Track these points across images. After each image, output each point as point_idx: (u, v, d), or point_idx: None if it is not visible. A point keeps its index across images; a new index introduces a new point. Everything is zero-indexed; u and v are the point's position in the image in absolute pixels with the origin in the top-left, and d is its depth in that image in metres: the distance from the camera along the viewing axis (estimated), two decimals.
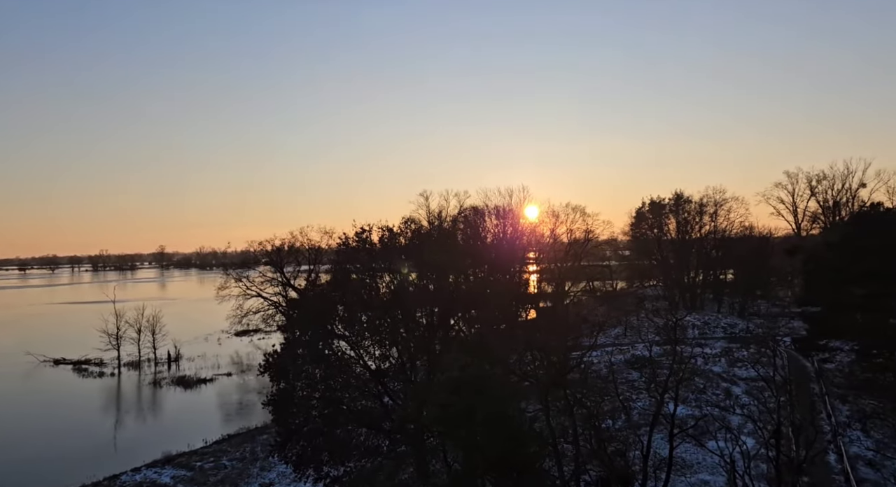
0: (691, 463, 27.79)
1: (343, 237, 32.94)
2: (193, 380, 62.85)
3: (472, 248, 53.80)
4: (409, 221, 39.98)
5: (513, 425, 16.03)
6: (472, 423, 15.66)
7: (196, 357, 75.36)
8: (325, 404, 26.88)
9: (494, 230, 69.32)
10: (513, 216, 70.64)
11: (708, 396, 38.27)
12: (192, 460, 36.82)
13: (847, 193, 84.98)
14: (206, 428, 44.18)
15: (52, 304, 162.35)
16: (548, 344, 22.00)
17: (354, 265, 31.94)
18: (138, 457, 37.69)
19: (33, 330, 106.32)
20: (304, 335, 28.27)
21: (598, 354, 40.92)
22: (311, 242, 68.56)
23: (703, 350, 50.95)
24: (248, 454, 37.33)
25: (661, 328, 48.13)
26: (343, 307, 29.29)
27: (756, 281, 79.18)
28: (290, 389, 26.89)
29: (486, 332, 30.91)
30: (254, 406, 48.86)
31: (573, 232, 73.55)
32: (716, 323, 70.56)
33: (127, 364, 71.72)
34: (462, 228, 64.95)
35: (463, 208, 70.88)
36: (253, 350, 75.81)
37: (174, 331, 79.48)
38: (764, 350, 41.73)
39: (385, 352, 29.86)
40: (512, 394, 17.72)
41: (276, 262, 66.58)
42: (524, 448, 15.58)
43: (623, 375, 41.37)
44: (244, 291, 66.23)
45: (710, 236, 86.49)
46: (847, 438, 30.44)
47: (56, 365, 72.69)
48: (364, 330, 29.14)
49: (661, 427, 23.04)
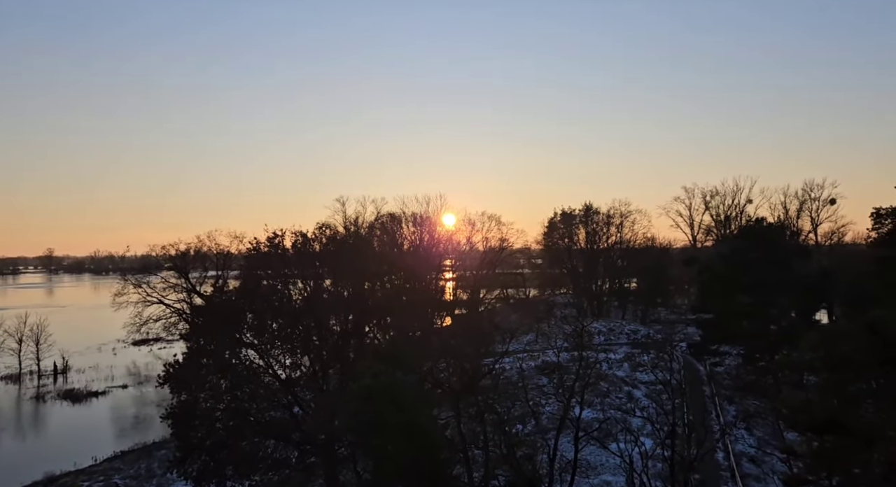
0: (595, 465, 28.97)
1: (254, 242, 31.83)
2: (83, 393, 58.17)
3: (388, 255, 53.60)
4: (324, 227, 39.22)
5: (424, 432, 16.02)
6: (384, 431, 15.51)
7: (87, 368, 69.74)
8: (230, 415, 25.72)
9: (411, 237, 69.48)
10: (430, 223, 71.15)
11: (611, 399, 40.10)
12: (78, 480, 33.99)
13: (736, 208, 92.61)
14: (96, 445, 40.94)
15: None
16: (462, 351, 22.24)
17: (266, 271, 30.92)
18: (15, 479, 34.32)
19: None
20: (210, 343, 26.97)
21: (510, 360, 41.86)
22: (219, 247, 65.46)
23: (608, 355, 53.40)
24: (144, 471, 34.95)
25: (569, 334, 49.98)
26: (252, 314, 28.23)
27: (657, 289, 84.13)
28: (193, 401, 25.55)
29: (401, 339, 30.83)
30: (151, 420, 45.80)
31: (488, 240, 75.02)
32: (620, 329, 74.18)
33: (4, 377, 65.28)
34: (379, 235, 64.59)
35: (380, 215, 70.61)
36: (152, 360, 71.08)
37: (63, 341, 73.19)
38: (662, 355, 44.39)
39: (296, 361, 29.07)
40: (424, 402, 17.72)
41: (181, 267, 62.95)
42: (435, 455, 15.61)
43: (533, 380, 42.55)
44: (144, 298, 61.99)
45: (616, 246, 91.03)
46: (733, 436, 32.90)
47: None
48: (274, 338, 28.23)
49: (568, 431, 23.88)
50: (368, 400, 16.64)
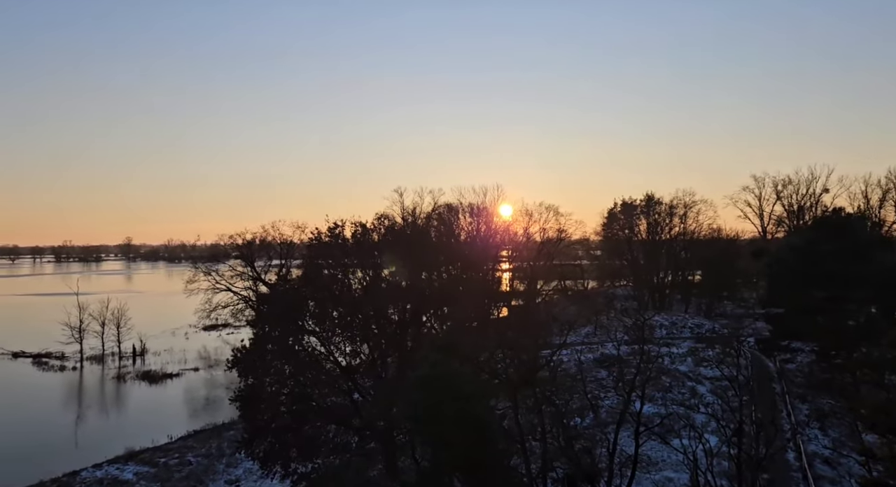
0: (656, 461, 28.31)
1: (315, 232, 32.68)
2: (159, 375, 61.65)
3: (445, 246, 53.80)
4: (382, 217, 39.78)
5: (481, 423, 16.09)
6: (441, 420, 15.67)
7: (162, 351, 73.86)
8: (294, 400, 26.65)
9: (468, 228, 69.51)
10: (487, 214, 70.94)
11: (674, 395, 39.01)
12: (155, 456, 36.11)
13: (811, 198, 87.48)
14: (171, 424, 43.39)
15: (12, 296, 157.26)
16: (519, 342, 22.14)
17: (326, 260, 31.70)
18: (100, 453, 36.83)
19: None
20: (274, 330, 27.95)
21: (567, 353, 41.35)
22: (282, 237, 67.86)
23: (670, 349, 51.91)
24: (214, 450, 36.77)
25: (629, 327, 48.86)
26: (314, 302, 29.06)
27: (723, 282, 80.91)
28: (259, 385, 26.58)
29: (458, 330, 31.00)
30: (221, 402, 48.08)
31: (546, 231, 74.14)
32: (683, 323, 71.91)
33: (90, 358, 69.95)
34: (436, 225, 64.87)
35: (437, 205, 70.79)
36: (221, 345, 74.55)
37: (140, 325, 77.74)
38: (728, 350, 42.71)
39: (356, 349, 29.75)
40: (481, 392, 17.78)
41: (247, 256, 65.66)
42: (492, 446, 15.66)
43: (592, 374, 41.92)
44: (213, 285, 65.15)
45: (679, 237, 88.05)
46: (805, 436, 31.37)
47: (15, 359, 70.55)
48: (335, 326, 28.95)
49: (628, 426, 23.40)
50: (426, 389, 16.85)
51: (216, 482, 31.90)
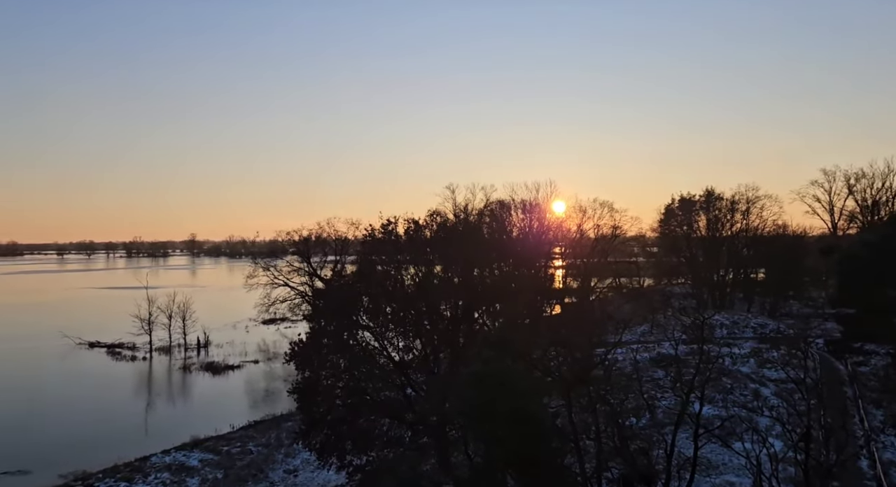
0: (717, 464, 27.39)
1: (369, 229, 33.27)
2: (221, 366, 64.21)
3: (497, 242, 53.62)
4: (434, 214, 40.01)
5: (534, 420, 16.00)
6: (494, 417, 15.67)
7: (224, 343, 76.93)
8: (348, 393, 27.23)
9: (520, 224, 68.89)
10: (539, 210, 70.09)
11: (735, 397, 37.59)
12: (219, 444, 37.68)
13: (887, 192, 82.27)
14: (232, 414, 45.14)
15: (88, 289, 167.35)
16: (573, 340, 21.85)
17: (380, 257, 32.20)
18: (168, 440, 38.71)
19: (69, 313, 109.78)
20: (330, 325, 28.63)
21: (622, 351, 40.50)
22: (337, 233, 69.24)
23: (732, 350, 49.99)
24: (274, 440, 38.01)
25: (688, 326, 47.32)
26: (368, 298, 29.57)
27: (788, 280, 77.24)
28: (315, 378, 27.31)
29: (510, 327, 30.87)
30: (279, 394, 49.69)
31: (600, 227, 72.57)
32: (745, 322, 69.12)
33: (158, 348, 73.60)
34: (488, 222, 64.67)
35: (489, 202, 70.55)
36: (279, 338, 76.91)
37: (204, 318, 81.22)
38: (795, 351, 40.76)
39: (409, 344, 30.09)
40: (534, 389, 17.68)
41: (303, 252, 67.40)
42: (545, 444, 15.54)
43: (648, 373, 40.89)
44: (272, 280, 67.26)
45: (741, 234, 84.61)
46: (880, 443, 29.62)
47: (91, 348, 75.03)
48: (388, 321, 29.38)
49: (686, 427, 22.72)
50: (478, 385, 16.89)
51: (275, 471, 32.97)
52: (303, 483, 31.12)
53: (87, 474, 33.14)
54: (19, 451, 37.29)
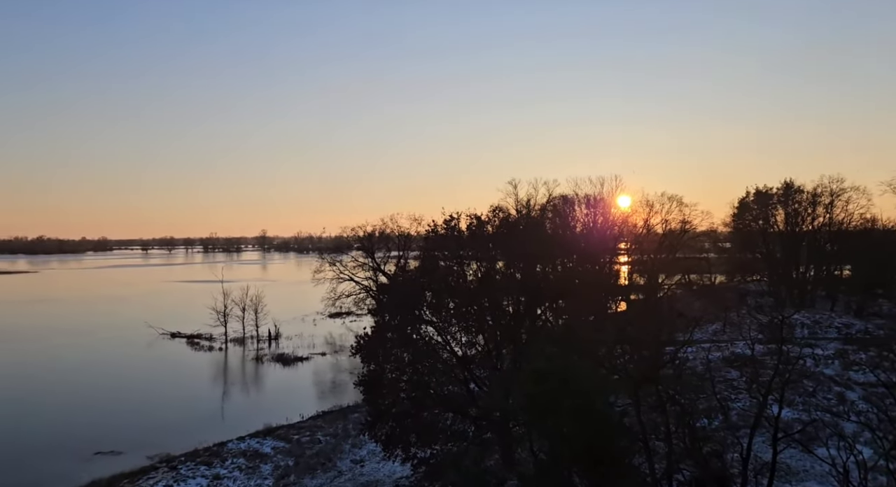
0: (797, 470, 25.97)
1: (432, 224, 33.54)
2: (291, 358, 66.57)
3: (560, 238, 52.85)
4: (497, 209, 39.90)
5: (601, 417, 15.67)
6: (559, 414, 15.47)
7: (294, 336, 79.76)
8: (412, 387, 27.57)
9: (584, 219, 67.62)
10: (604, 205, 68.51)
11: (818, 400, 35.48)
12: (290, 433, 39.12)
13: None
14: (302, 404, 46.75)
15: (169, 282, 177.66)
16: (640, 337, 21.24)
17: (442, 252, 32.39)
18: (242, 427, 40.56)
19: (153, 305, 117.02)
20: (394, 319, 29.08)
21: (692, 350, 39.01)
22: (400, 229, 70.25)
23: (813, 350, 47.17)
24: (341, 431, 39.08)
25: (765, 326, 45.02)
26: (431, 293, 29.80)
27: (878, 278, 71.99)
28: (380, 371, 27.80)
29: (575, 323, 30.36)
30: (345, 386, 51.04)
31: (668, 222, 70.07)
32: (828, 322, 65.03)
33: (233, 339, 77.15)
34: (550, 217, 63.86)
35: (552, 197, 69.60)
36: (345, 331, 78.99)
37: (274, 311, 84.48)
38: (887, 353, 37.95)
39: (471, 339, 30.14)
40: (600, 387, 17.30)
41: (368, 248, 68.84)
42: (613, 442, 15.19)
43: (721, 373, 39.25)
44: (337, 275, 69.16)
45: (823, 228, 79.57)
46: None
47: (172, 338, 79.62)
48: (451, 316, 29.51)
49: (763, 430, 21.63)
50: (542, 382, 16.70)
51: (343, 460, 33.89)
52: (369, 473, 31.83)
53: (170, 456, 35.20)
54: (110, 433, 40.11)
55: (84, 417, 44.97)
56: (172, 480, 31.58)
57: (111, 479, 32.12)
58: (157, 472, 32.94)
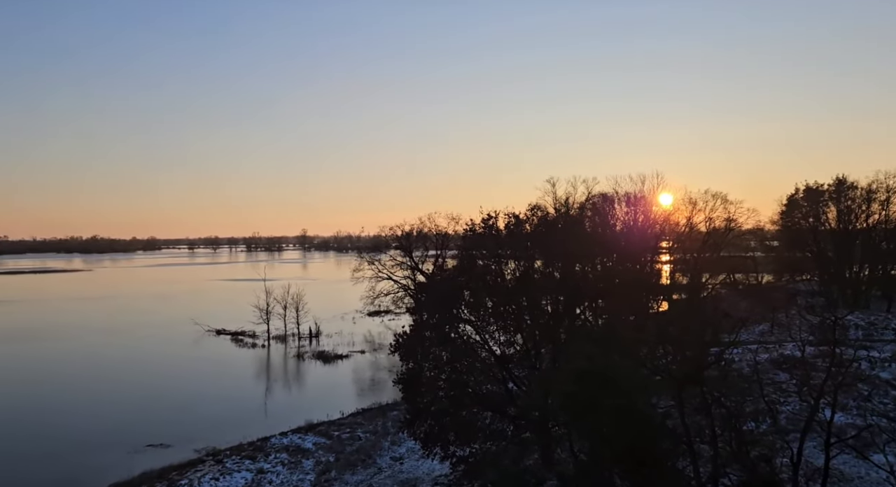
0: (851, 477, 24.93)
1: (470, 223, 33.54)
2: (331, 355, 67.63)
3: (599, 236, 52.08)
4: (535, 208, 39.78)
5: (643, 418, 15.39)
6: (599, 414, 15.27)
7: (333, 333, 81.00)
8: (451, 385, 27.62)
9: (624, 218, 66.38)
10: (645, 203, 67.12)
11: (873, 404, 34.03)
12: (330, 429, 39.75)
13: None
14: (342, 401, 47.46)
15: (214, 280, 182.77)
16: (683, 338, 20.75)
17: (480, 251, 32.33)
18: (284, 422, 41.45)
19: (199, 302, 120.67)
20: (432, 318, 29.18)
21: (738, 351, 37.86)
22: (438, 228, 70.46)
23: (869, 353, 45.19)
24: (380, 428, 39.48)
25: (815, 327, 43.36)
26: (469, 292, 29.79)
27: None
28: (419, 369, 27.96)
29: (615, 323, 29.89)
30: (384, 384, 51.56)
31: (712, 220, 68.17)
32: (885, 324, 62.21)
33: (275, 337, 78.86)
34: (590, 216, 62.97)
35: (591, 195, 68.58)
36: (384, 330, 79.76)
37: (314, 309, 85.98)
38: None
39: (510, 338, 30.00)
40: (642, 388, 17.00)
41: (406, 247, 69.29)
42: (655, 443, 14.89)
43: (769, 375, 38.01)
44: (376, 274, 69.86)
45: (879, 226, 76.11)
46: None
47: (217, 335, 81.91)
48: (489, 315, 29.45)
49: (814, 435, 20.86)
50: (583, 382, 16.51)
51: (382, 457, 34.24)
52: (408, 470, 32.06)
53: (216, 450, 36.24)
54: (160, 427, 41.61)
55: (136, 411, 46.71)
56: (219, 473, 32.49)
57: (161, 471, 33.27)
58: (204, 465, 33.95)
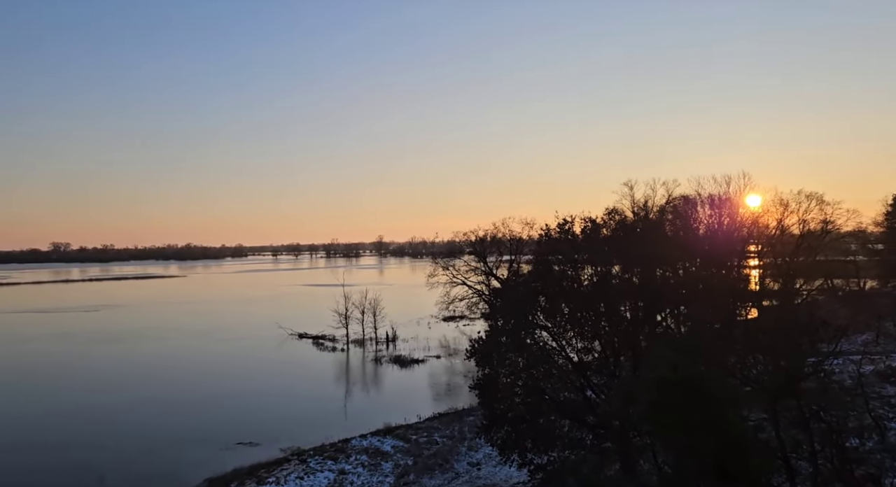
0: None
1: (545, 228, 33.19)
2: (407, 360, 68.72)
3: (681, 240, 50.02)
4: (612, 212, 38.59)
5: (733, 430, 14.66)
6: (686, 426, 14.68)
7: (409, 338, 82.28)
8: (527, 392, 27.42)
9: (708, 221, 63.31)
10: (730, 205, 63.70)
11: None
12: (408, 433, 40.39)
13: None
14: (418, 405, 48.10)
15: (295, 285, 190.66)
16: (776, 347, 19.60)
17: (556, 256, 31.94)
18: (363, 425, 42.52)
19: (282, 306, 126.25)
20: (507, 323, 29.11)
21: (839, 362, 35.17)
22: (512, 233, 70.25)
23: None
24: (457, 433, 39.71)
25: None
26: (545, 297, 29.50)
27: None
28: (495, 375, 27.96)
29: (699, 330, 28.63)
30: (460, 389, 51.80)
31: (807, 222, 63.59)
32: None
33: (353, 341, 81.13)
34: (671, 219, 60.58)
35: (672, 198, 65.97)
36: (459, 335, 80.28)
37: (391, 314, 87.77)
38: None
39: (587, 345, 29.41)
40: (731, 398, 16.20)
41: (480, 252, 69.58)
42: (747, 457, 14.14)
43: (874, 389, 35.13)
44: (451, 279, 70.58)
45: None
46: None
47: (300, 339, 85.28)
48: (566, 321, 29.02)
49: None
50: (667, 392, 15.95)
51: (460, 462, 34.43)
52: (486, 476, 32.07)
53: (300, 450, 37.73)
54: (248, 425, 43.81)
55: (226, 410, 49.44)
56: (303, 472, 33.80)
57: (251, 468, 35.04)
58: (289, 464, 35.43)
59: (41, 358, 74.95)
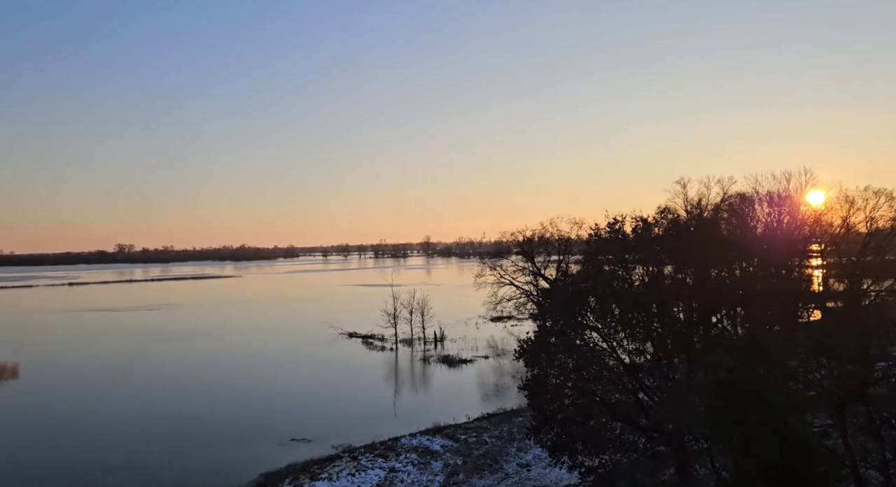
0: None
1: (594, 228, 32.73)
2: (456, 360, 68.95)
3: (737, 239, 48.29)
4: (664, 211, 37.66)
5: (794, 437, 14.11)
6: (745, 431, 14.24)
7: (457, 338, 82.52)
8: (577, 394, 27.10)
9: (766, 219, 60.86)
10: (790, 203, 61.03)
11: None
12: (457, 432, 40.57)
13: None
14: (467, 405, 48.22)
15: (345, 285, 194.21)
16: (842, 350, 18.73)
17: (606, 256, 31.45)
18: (412, 424, 42.95)
19: (332, 306, 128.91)
20: (556, 324, 28.84)
21: None
22: (560, 233, 69.52)
23: None
24: (506, 433, 39.62)
25: None
26: (594, 298, 29.09)
27: None
28: (544, 376, 27.74)
29: (758, 332, 27.63)
30: (508, 389, 51.64)
31: (875, 220, 60.25)
32: None
33: (402, 340, 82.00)
34: (726, 217, 58.57)
35: (727, 195, 63.80)
36: (507, 335, 80.00)
37: (439, 314, 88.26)
38: None
39: (639, 347, 28.83)
40: (794, 403, 15.59)
41: (527, 252, 69.16)
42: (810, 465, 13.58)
43: None
44: (498, 279, 70.46)
45: None
46: None
47: (349, 338, 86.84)
48: (616, 322, 28.53)
49: None
50: (724, 395, 15.50)
51: (509, 463, 34.35)
52: (536, 478, 31.89)
53: (352, 448, 38.46)
54: (302, 423, 44.96)
55: (280, 407, 50.86)
56: (354, 469, 34.45)
57: (304, 464, 35.95)
58: (341, 461, 36.18)
59: (103, 354, 79.04)
